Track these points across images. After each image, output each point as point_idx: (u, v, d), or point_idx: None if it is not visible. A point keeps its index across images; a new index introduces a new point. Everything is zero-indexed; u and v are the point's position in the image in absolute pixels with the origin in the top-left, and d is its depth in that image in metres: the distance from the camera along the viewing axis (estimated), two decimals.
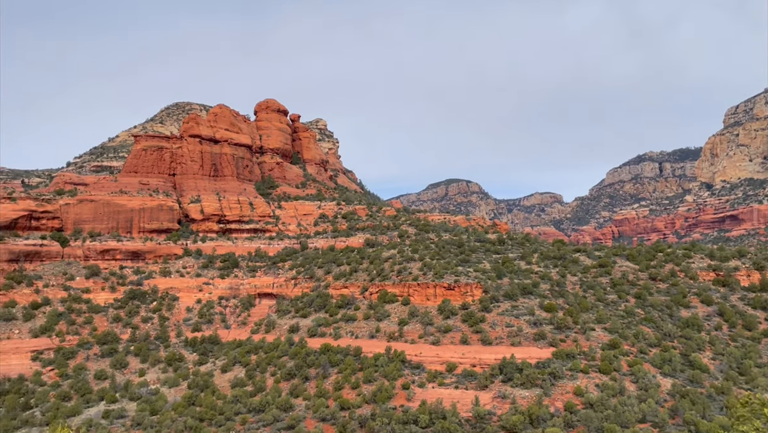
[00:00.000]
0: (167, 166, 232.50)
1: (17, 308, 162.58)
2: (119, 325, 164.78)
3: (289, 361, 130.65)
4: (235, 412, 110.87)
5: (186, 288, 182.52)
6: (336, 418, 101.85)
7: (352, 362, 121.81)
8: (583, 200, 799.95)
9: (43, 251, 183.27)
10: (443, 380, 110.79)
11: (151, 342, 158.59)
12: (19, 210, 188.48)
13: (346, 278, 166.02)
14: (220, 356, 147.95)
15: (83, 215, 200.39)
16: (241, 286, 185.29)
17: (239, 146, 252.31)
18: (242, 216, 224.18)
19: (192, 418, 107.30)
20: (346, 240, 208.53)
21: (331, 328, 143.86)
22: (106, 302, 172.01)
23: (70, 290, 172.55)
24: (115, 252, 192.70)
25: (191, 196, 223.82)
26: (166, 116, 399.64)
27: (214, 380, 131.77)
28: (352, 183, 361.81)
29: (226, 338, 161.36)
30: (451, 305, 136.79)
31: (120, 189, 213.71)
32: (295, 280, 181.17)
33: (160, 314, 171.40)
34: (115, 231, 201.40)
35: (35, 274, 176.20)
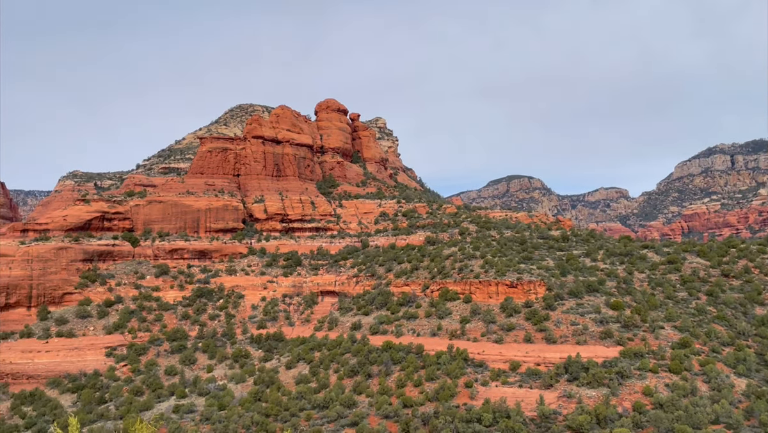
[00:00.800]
0: (231, 167, 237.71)
1: (92, 306, 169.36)
2: (188, 322, 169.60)
3: (351, 358, 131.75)
4: (300, 408, 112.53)
5: (251, 286, 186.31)
6: (399, 415, 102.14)
7: (414, 359, 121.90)
8: (650, 195, 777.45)
9: (116, 250, 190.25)
10: (507, 378, 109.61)
11: (218, 339, 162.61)
12: (93, 212, 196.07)
13: (407, 276, 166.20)
14: (285, 352, 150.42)
15: (152, 216, 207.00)
16: (304, 284, 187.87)
17: (300, 146, 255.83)
18: (304, 215, 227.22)
19: (258, 413, 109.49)
20: (406, 238, 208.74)
21: (393, 325, 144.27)
22: (175, 300, 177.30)
23: (141, 289, 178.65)
24: (183, 251, 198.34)
25: (255, 196, 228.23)
26: (230, 118, 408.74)
27: (279, 376, 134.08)
28: (412, 181, 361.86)
29: (290, 335, 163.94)
30: (513, 302, 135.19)
31: (187, 190, 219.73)
32: (357, 278, 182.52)
33: (227, 312, 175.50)
34: (182, 231, 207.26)
35: (108, 273, 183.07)
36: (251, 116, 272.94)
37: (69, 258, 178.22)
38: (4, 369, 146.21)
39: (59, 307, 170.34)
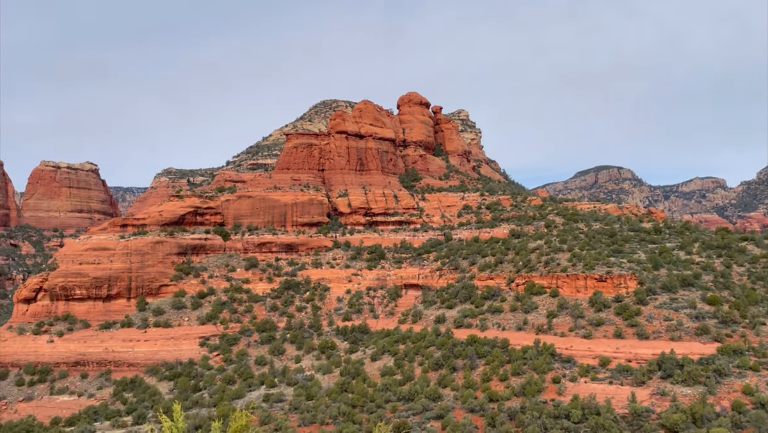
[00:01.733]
0: (316, 162, 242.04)
1: (186, 297, 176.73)
2: (276, 314, 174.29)
3: (436, 351, 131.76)
4: (386, 400, 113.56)
5: (336, 279, 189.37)
6: (485, 409, 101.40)
7: (499, 353, 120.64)
8: (749, 185, 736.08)
9: (208, 244, 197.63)
10: (596, 374, 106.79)
11: (306, 330, 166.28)
12: (186, 207, 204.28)
13: (492, 270, 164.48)
14: (370, 344, 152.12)
15: (242, 210, 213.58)
16: (388, 277, 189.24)
17: (383, 140, 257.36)
18: (387, 209, 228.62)
19: (345, 404, 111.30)
20: (490, 231, 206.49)
21: (477, 319, 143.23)
22: (264, 292, 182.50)
23: (231, 281, 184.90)
24: (271, 245, 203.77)
25: (339, 190, 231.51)
26: (314, 114, 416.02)
27: (364, 368, 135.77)
28: (495, 173, 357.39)
29: (375, 327, 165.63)
30: (603, 297, 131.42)
31: (274, 185, 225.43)
32: (440, 271, 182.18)
33: (313, 304, 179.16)
34: (270, 225, 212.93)
35: (201, 265, 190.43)
36: (335, 112, 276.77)
37: (165, 252, 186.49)
38: (107, 357, 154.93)
39: (156, 298, 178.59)
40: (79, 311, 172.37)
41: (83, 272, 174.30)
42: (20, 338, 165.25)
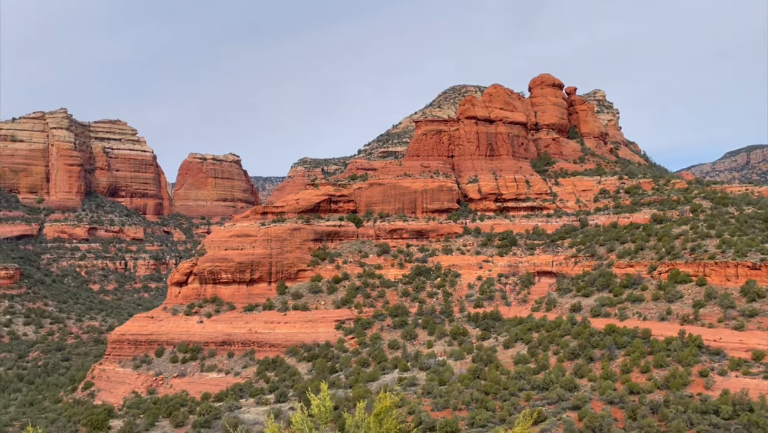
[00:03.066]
0: (446, 149, 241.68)
1: (322, 282, 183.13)
2: (407, 299, 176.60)
3: (571, 340, 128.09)
4: (519, 388, 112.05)
5: (467, 265, 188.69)
6: (624, 402, 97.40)
7: (640, 344, 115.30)
8: None
9: (341, 231, 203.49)
10: (748, 369, 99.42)
11: (437, 316, 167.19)
12: (321, 195, 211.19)
13: (631, 257, 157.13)
14: (502, 332, 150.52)
15: (373, 198, 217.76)
16: (520, 264, 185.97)
17: (514, 124, 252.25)
18: (518, 194, 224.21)
19: (478, 391, 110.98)
20: (629, 216, 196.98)
21: (616, 308, 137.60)
22: (396, 278, 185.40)
23: (364, 267, 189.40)
24: (402, 231, 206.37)
25: (469, 176, 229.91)
26: (443, 100, 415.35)
27: (496, 355, 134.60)
28: (635, 155, 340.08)
29: (507, 314, 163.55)
30: (756, 286, 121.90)
31: (404, 172, 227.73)
32: (575, 258, 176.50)
33: (444, 290, 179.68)
34: (401, 212, 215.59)
35: (335, 251, 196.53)
36: (464, 97, 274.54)
37: (302, 238, 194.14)
38: (251, 337, 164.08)
39: (294, 282, 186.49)
40: (225, 293, 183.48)
41: (228, 258, 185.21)
42: (174, 319, 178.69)
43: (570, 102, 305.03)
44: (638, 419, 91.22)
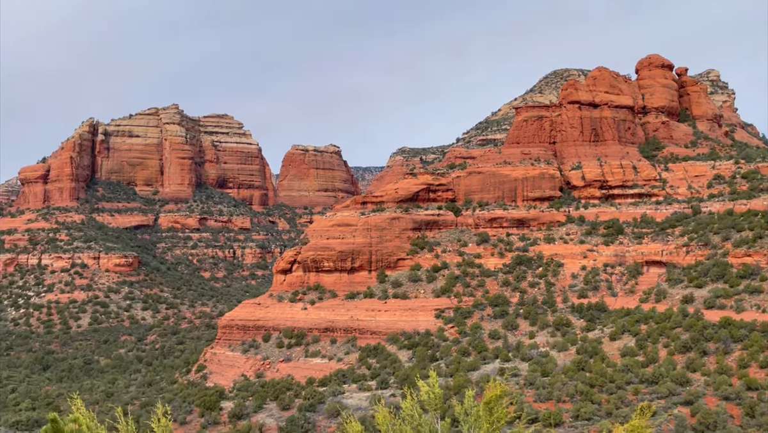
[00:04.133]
0: (547, 135, 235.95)
1: (421, 270, 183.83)
2: (508, 289, 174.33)
3: (683, 333, 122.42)
4: (626, 381, 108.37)
5: (570, 255, 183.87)
6: (741, 398, 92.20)
7: (759, 338, 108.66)
8: None
9: (440, 220, 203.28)
10: None
11: (539, 306, 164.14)
12: (419, 184, 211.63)
13: (749, 245, 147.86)
14: (608, 323, 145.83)
15: (472, 186, 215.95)
16: (627, 253, 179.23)
17: (620, 108, 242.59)
18: (625, 181, 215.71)
19: (582, 383, 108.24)
20: (747, 203, 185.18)
21: (732, 300, 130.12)
22: (496, 267, 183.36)
23: (464, 256, 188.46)
24: (502, 220, 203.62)
25: (571, 163, 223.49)
26: (544, 86, 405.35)
27: (602, 347, 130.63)
28: (753, 138, 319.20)
29: (613, 305, 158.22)
30: None
31: (504, 160, 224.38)
32: (687, 247, 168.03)
33: (546, 280, 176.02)
34: (500, 200, 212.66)
35: (434, 240, 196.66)
36: (566, 81, 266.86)
37: (401, 227, 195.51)
38: (352, 325, 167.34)
39: (394, 271, 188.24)
40: (327, 281, 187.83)
41: (330, 246, 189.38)
42: (279, 305, 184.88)
43: (680, 83, 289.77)
44: (756, 417, 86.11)
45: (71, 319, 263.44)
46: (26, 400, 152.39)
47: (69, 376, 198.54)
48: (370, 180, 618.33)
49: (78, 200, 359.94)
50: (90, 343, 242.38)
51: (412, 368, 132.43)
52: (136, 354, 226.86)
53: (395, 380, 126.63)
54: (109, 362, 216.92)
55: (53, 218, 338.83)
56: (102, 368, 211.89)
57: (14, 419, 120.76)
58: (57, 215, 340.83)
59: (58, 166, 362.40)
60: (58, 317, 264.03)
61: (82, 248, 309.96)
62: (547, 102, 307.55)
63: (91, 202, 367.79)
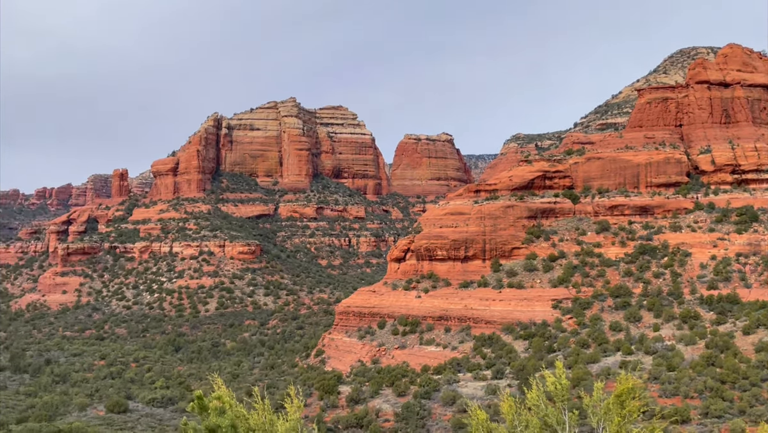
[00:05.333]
0: (672, 118, 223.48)
1: (537, 260, 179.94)
2: (630, 279, 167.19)
3: None
4: (762, 378, 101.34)
5: (698, 244, 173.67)
6: None
7: None
8: None
9: (557, 207, 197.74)
10: None
11: (664, 298, 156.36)
12: (534, 171, 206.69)
13: None
14: (741, 316, 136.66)
15: (591, 173, 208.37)
16: (762, 242, 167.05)
17: (754, 87, 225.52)
18: (760, 165, 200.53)
19: (712, 378, 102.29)
20: None
21: None
22: (617, 257, 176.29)
23: (582, 245, 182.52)
24: (623, 208, 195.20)
25: (700, 146, 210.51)
26: (669, 66, 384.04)
27: (734, 341, 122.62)
28: None
29: (746, 297, 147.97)
30: None
31: (625, 145, 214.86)
32: None
33: (672, 270, 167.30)
34: (621, 187, 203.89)
35: (551, 229, 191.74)
36: (693, 60, 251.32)
37: (515, 215, 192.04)
38: (466, 313, 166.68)
39: (508, 260, 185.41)
40: (440, 270, 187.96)
41: (443, 235, 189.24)
42: (393, 293, 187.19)
43: None
44: None
45: (200, 303, 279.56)
46: (160, 379, 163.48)
47: (198, 357, 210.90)
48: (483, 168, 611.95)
49: (204, 191, 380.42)
50: (217, 326, 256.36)
51: (529, 359, 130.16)
52: (259, 338, 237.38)
53: (511, 370, 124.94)
54: (234, 345, 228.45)
55: (182, 208, 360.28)
56: (228, 351, 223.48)
57: (150, 396, 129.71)
58: (186, 206, 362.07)
59: (186, 160, 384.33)
60: (188, 302, 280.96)
61: (209, 237, 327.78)
62: (672, 83, 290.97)
63: (216, 193, 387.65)
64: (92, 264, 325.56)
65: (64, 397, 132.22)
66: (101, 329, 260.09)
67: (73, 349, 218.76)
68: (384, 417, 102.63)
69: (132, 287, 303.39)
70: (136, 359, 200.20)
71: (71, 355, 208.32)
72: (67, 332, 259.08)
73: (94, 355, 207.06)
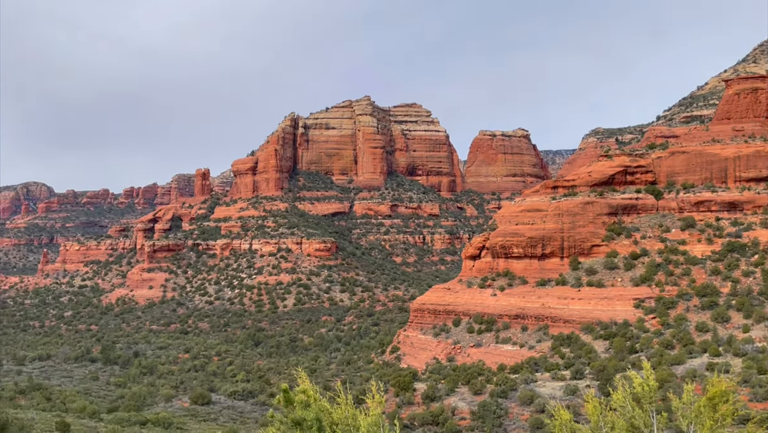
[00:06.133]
0: (763, 109, 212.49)
1: (618, 258, 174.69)
2: (718, 278, 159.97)
3: None
4: None
5: None
6: None
7: None
8: None
9: (639, 204, 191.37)
10: None
11: (754, 297, 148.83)
12: (615, 166, 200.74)
13: None
14: None
15: (675, 167, 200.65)
16: None
17: None
18: None
19: None
20: None
21: None
22: (703, 254, 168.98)
23: (666, 242, 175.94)
24: (710, 203, 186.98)
25: None
26: (759, 54, 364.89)
27: None
28: None
29: None
30: None
31: (712, 138, 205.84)
32: None
33: (763, 268, 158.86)
34: (708, 182, 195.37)
35: (632, 226, 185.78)
36: None
37: (595, 212, 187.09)
38: (544, 312, 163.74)
39: (588, 258, 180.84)
40: (516, 268, 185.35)
41: (519, 232, 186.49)
42: (468, 291, 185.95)
43: None
44: None
45: (278, 299, 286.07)
46: (241, 372, 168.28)
47: (277, 352, 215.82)
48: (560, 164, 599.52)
49: (282, 190, 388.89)
50: (294, 322, 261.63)
51: (610, 359, 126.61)
52: (336, 334, 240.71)
53: (591, 370, 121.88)
54: (311, 341, 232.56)
55: (261, 206, 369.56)
56: (306, 346, 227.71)
57: (232, 389, 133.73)
58: (264, 204, 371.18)
59: (265, 159, 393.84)
60: (267, 298, 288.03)
61: (287, 234, 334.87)
62: (762, 72, 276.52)
63: (293, 191, 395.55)
64: (176, 260, 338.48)
65: (151, 388, 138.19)
66: (185, 323, 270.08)
67: (159, 342, 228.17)
68: (460, 415, 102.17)
69: (214, 283, 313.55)
70: (218, 352, 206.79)
71: (157, 348, 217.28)
72: (154, 325, 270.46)
73: (179, 348, 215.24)
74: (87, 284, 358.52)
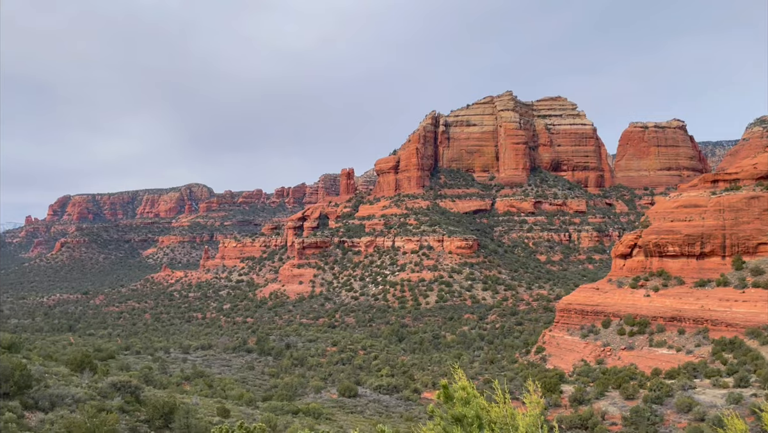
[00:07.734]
0: None
1: None
2: None
3: None
4: None
5: None
6: None
7: None
8: None
9: None
10: None
11: None
12: None
13: None
14: None
15: None
16: None
17: None
18: None
19: None
20: None
21: None
22: None
23: None
24: None
25: None
26: None
27: None
28: None
29: None
30: None
31: None
32: None
33: None
34: None
35: None
36: None
37: (761, 207, 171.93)
38: (703, 315, 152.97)
39: (753, 257, 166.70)
40: (672, 267, 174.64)
41: (675, 229, 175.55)
42: (619, 291, 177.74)
43: None
44: None
45: (420, 296, 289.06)
46: (386, 367, 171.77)
47: (420, 348, 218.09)
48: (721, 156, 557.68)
49: (423, 188, 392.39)
50: (437, 319, 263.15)
51: None
52: (478, 332, 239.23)
53: (757, 378, 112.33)
54: (454, 338, 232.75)
55: (403, 204, 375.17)
56: (448, 343, 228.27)
57: (377, 383, 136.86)
58: (406, 202, 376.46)
59: (406, 157, 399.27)
60: (410, 294, 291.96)
61: (428, 232, 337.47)
62: None
63: (434, 189, 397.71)
64: (324, 257, 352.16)
65: (301, 379, 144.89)
66: (332, 317, 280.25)
67: (309, 335, 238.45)
68: (610, 420, 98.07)
69: (359, 279, 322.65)
70: (363, 346, 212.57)
71: (307, 340, 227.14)
72: (303, 319, 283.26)
73: (327, 341, 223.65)
74: (243, 278, 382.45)
